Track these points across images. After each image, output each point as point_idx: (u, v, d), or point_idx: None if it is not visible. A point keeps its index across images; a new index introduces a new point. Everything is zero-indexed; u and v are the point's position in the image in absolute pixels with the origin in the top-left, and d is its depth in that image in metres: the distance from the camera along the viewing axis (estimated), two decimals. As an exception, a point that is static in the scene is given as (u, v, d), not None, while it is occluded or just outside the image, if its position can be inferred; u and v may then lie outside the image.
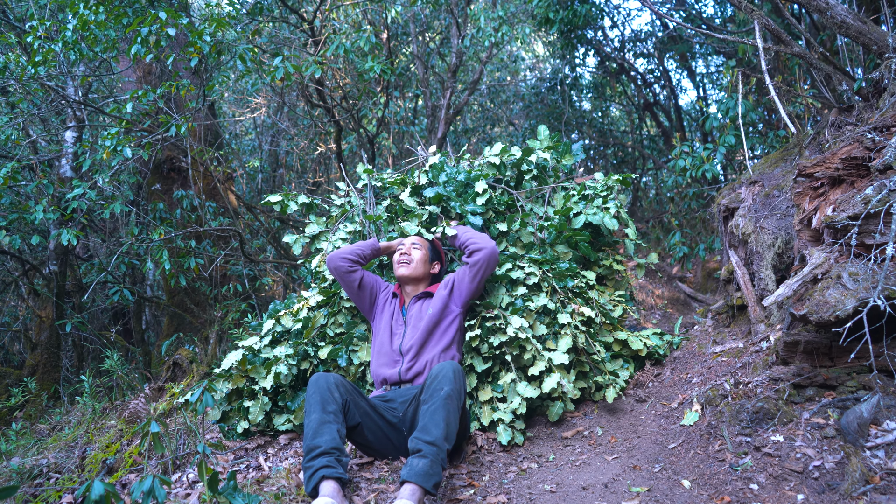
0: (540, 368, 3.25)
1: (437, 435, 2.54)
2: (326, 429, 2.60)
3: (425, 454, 2.47)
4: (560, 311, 3.52)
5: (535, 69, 13.20)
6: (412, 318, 3.37)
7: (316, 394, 2.74)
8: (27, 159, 6.10)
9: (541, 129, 4.30)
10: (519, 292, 3.54)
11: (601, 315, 3.71)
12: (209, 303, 6.73)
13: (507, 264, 3.65)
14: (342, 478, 2.47)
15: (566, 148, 4.21)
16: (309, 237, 4.12)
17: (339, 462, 2.51)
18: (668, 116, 10.59)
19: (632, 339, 3.80)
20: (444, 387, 2.69)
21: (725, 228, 4.31)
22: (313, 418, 2.65)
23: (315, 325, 3.56)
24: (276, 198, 4.13)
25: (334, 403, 2.73)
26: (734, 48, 7.91)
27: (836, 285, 2.63)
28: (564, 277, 3.63)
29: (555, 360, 3.27)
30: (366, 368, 3.61)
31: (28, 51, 5.56)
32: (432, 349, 3.26)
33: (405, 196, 3.98)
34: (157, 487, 2.09)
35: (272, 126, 10.34)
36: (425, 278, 3.56)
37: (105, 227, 7.75)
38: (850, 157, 3.01)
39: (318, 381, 2.80)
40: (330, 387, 2.77)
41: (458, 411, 2.70)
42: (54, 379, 6.40)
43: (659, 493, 2.49)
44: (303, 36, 7.96)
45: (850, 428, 2.48)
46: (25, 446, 4.38)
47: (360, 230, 4.02)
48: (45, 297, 6.51)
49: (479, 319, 3.43)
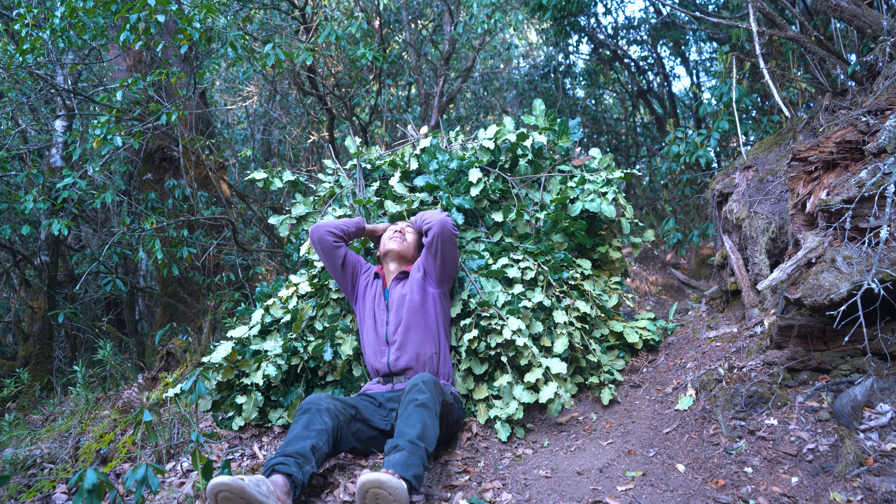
0: (536, 376, 3.20)
1: (412, 435, 2.49)
2: (299, 441, 2.52)
3: (402, 447, 2.43)
4: (556, 308, 3.49)
5: (529, 56, 13.14)
6: (394, 303, 3.34)
7: (304, 416, 2.68)
8: (17, 149, 6.04)
9: (536, 104, 4.15)
10: (516, 290, 3.50)
11: (596, 307, 3.69)
12: (202, 292, 6.70)
13: (502, 259, 3.61)
14: (294, 475, 2.36)
15: (563, 127, 4.03)
16: (295, 218, 4.03)
17: (299, 466, 2.41)
18: (661, 103, 10.57)
19: (627, 331, 3.79)
20: (417, 397, 2.67)
21: (719, 214, 4.30)
22: (295, 431, 2.59)
23: (304, 317, 3.52)
24: (261, 174, 4.04)
25: (321, 424, 2.64)
26: (728, 34, 7.89)
27: (831, 269, 2.63)
28: (559, 269, 3.61)
29: (552, 368, 3.21)
30: (353, 363, 3.60)
31: (16, 38, 5.49)
32: (417, 335, 3.24)
33: (395, 182, 3.90)
34: (151, 476, 2.08)
35: (264, 115, 10.28)
36: (410, 260, 3.54)
37: (96, 216, 7.70)
38: (845, 141, 3.00)
39: (308, 405, 2.73)
40: (321, 410, 2.70)
41: (436, 418, 2.66)
42: (47, 370, 6.37)
43: (654, 478, 2.49)
44: (294, 23, 7.90)
45: (843, 411, 2.48)
46: (19, 437, 4.36)
47: (349, 214, 3.94)
48: (37, 287, 6.47)
49: (475, 318, 3.40)
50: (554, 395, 3.11)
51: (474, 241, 3.77)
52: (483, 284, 3.54)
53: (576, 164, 4.04)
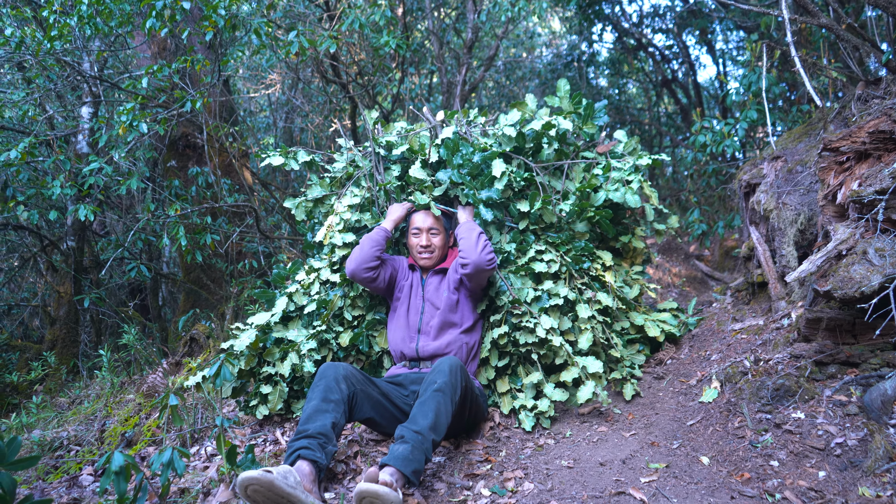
0: (573, 375, 3.16)
1: (423, 425, 2.50)
2: (319, 416, 2.55)
3: (407, 440, 2.45)
4: (579, 302, 3.44)
5: (552, 45, 13.03)
6: (430, 295, 3.39)
7: (321, 382, 2.71)
8: (44, 135, 6.11)
9: (561, 84, 3.95)
10: (546, 287, 3.42)
11: (617, 299, 3.64)
12: (225, 279, 6.75)
13: (529, 252, 3.53)
14: (318, 461, 2.40)
15: (588, 111, 3.88)
16: (312, 201, 3.88)
17: (322, 448, 2.45)
18: (686, 93, 10.43)
19: (648, 324, 3.75)
20: (437, 380, 2.67)
21: (746, 205, 4.24)
22: (311, 405, 2.62)
23: (333, 308, 3.49)
24: (279, 160, 3.86)
25: (338, 394, 2.68)
26: (756, 23, 7.75)
27: (862, 261, 2.58)
28: (580, 260, 3.54)
29: (589, 367, 3.17)
30: (383, 355, 3.61)
31: (44, 25, 5.54)
32: (449, 329, 3.29)
33: (415, 170, 3.71)
34: (177, 459, 2.10)
35: (287, 103, 10.30)
36: (444, 258, 3.57)
37: (122, 203, 7.78)
38: (878, 131, 2.93)
39: (325, 371, 2.77)
40: (337, 378, 2.73)
41: (452, 404, 2.65)
42: (73, 353, 6.46)
43: (677, 470, 2.47)
44: (318, 10, 7.90)
45: (873, 405, 2.44)
46: (46, 419, 4.43)
47: (368, 197, 3.81)
48: (64, 272, 6.56)
49: (505, 314, 3.36)
50: (592, 394, 3.07)
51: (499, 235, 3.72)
52: (513, 281, 3.46)
53: (601, 151, 3.89)
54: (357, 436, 3.05)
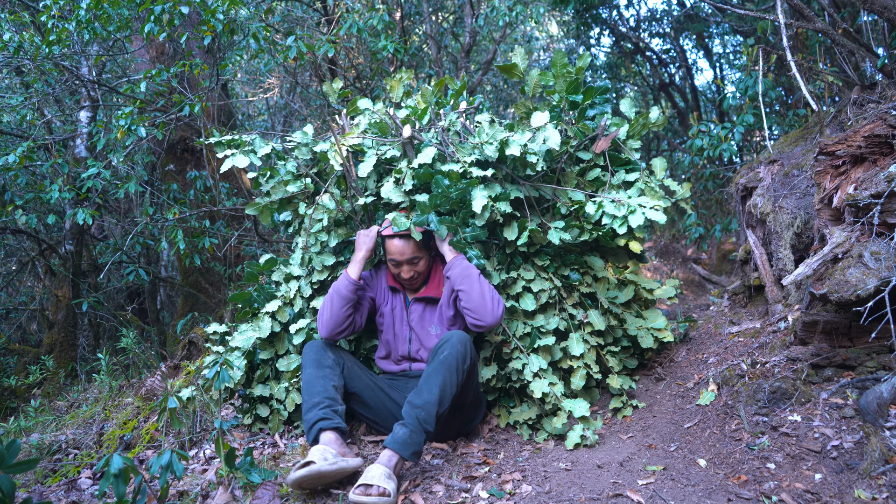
0: (562, 421, 2.99)
1: (427, 398, 2.59)
2: (319, 382, 2.72)
3: (407, 423, 2.55)
4: (571, 330, 3.22)
5: (549, 49, 13.07)
6: (416, 323, 3.13)
7: (311, 353, 2.87)
8: (42, 139, 6.12)
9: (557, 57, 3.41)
10: (537, 323, 3.19)
11: (609, 315, 3.39)
12: (223, 283, 6.76)
13: (517, 287, 3.23)
14: (340, 427, 2.58)
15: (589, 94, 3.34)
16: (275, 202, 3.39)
17: (335, 412, 2.63)
18: (683, 97, 10.46)
19: (641, 334, 3.46)
20: (445, 350, 2.71)
21: (743, 208, 4.26)
22: (308, 373, 2.77)
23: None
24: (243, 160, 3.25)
25: (329, 360, 2.85)
26: (752, 27, 7.78)
27: (858, 264, 2.59)
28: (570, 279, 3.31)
29: (576, 412, 2.99)
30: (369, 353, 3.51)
31: (42, 30, 5.56)
32: None
33: (388, 189, 3.18)
34: (176, 462, 2.10)
35: (285, 106, 10.32)
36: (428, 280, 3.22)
37: (120, 207, 7.78)
38: (873, 135, 2.95)
39: (312, 344, 2.93)
40: (325, 347, 2.91)
41: (459, 374, 2.68)
42: (71, 357, 6.46)
43: (674, 472, 2.48)
44: (316, 15, 7.92)
45: (869, 408, 2.45)
46: (44, 423, 4.43)
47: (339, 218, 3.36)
48: (62, 276, 6.56)
49: (494, 350, 3.23)
50: (580, 437, 2.92)
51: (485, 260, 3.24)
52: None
53: (598, 150, 3.34)
54: (356, 438, 3.06)
